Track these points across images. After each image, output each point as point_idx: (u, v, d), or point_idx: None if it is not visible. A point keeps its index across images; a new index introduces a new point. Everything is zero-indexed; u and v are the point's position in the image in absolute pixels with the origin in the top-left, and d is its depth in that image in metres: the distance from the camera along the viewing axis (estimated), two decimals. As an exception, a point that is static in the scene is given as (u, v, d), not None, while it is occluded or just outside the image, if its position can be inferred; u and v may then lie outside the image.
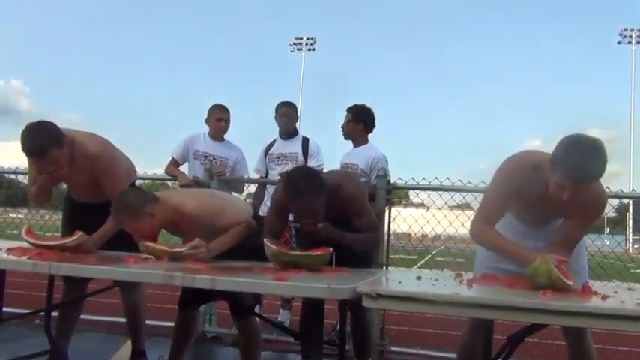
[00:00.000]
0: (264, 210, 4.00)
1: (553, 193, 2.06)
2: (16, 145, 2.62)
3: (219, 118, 4.40)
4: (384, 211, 3.82)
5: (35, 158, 2.60)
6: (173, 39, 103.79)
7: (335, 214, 2.58)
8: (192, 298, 2.81)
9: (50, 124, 2.65)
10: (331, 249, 2.34)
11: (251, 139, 5.73)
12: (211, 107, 4.46)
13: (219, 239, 2.57)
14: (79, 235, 2.63)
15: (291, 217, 3.07)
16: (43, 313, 3.11)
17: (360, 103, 4.28)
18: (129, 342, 3.16)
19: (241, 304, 2.70)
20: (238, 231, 2.62)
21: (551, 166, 2.04)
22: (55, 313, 3.13)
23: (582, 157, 1.97)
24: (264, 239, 2.38)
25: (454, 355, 2.76)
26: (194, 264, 2.30)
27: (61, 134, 2.63)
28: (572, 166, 1.98)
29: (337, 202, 2.59)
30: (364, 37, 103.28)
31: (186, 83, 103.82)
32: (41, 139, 2.56)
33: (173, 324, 2.89)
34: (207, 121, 4.44)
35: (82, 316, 3.19)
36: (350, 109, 4.23)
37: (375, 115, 4.27)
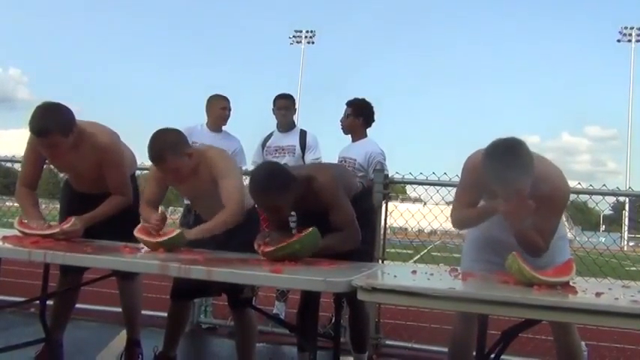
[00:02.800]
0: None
1: (501, 196, 2.19)
2: (14, 134, 2.63)
3: (224, 107, 4.38)
4: (381, 206, 3.82)
5: (36, 137, 2.60)
6: (173, 30, 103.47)
7: (310, 206, 2.55)
8: (186, 292, 2.81)
9: (65, 109, 2.65)
10: (313, 227, 2.30)
11: (249, 131, 5.71)
12: (213, 97, 4.41)
13: (202, 226, 2.58)
14: (72, 222, 2.62)
15: None
16: (38, 301, 3.10)
17: (360, 97, 4.27)
18: (124, 332, 3.17)
19: (239, 296, 2.70)
20: (222, 220, 2.58)
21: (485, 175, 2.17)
22: (50, 302, 3.13)
23: (498, 163, 2.11)
24: (257, 249, 2.35)
25: (448, 350, 2.76)
26: (191, 255, 2.30)
27: (71, 123, 2.63)
28: (494, 175, 2.13)
29: (310, 194, 2.53)
30: (364, 31, 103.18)
31: (185, 74, 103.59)
32: (48, 121, 2.56)
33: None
34: (208, 111, 4.41)
35: (76, 306, 3.19)
36: (350, 103, 4.22)
37: (375, 109, 4.27)
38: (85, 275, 3.08)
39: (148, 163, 4.36)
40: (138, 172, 3.97)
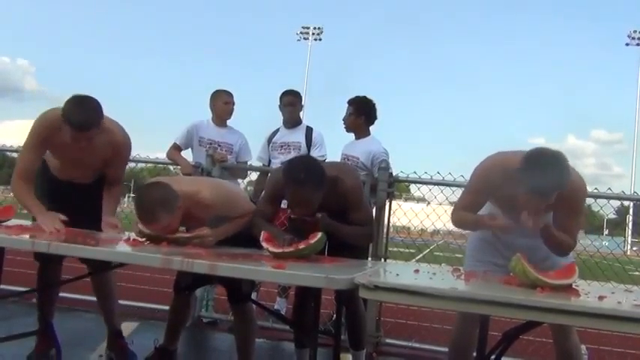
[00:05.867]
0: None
1: (523, 204, 2.19)
2: (21, 124, 2.61)
3: (227, 101, 4.42)
4: (385, 204, 3.81)
5: (77, 131, 2.56)
6: (180, 25, 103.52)
7: (331, 206, 2.56)
8: (189, 285, 2.80)
9: (99, 104, 2.64)
10: (321, 233, 2.31)
11: (255, 127, 5.72)
12: (216, 92, 4.46)
13: (224, 226, 2.57)
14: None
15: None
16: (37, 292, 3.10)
17: (361, 94, 4.25)
18: (125, 324, 3.15)
19: (239, 291, 2.70)
20: (244, 220, 2.62)
21: (517, 182, 2.15)
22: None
23: (542, 173, 2.09)
24: (263, 243, 2.34)
25: (448, 350, 2.76)
26: (194, 249, 2.30)
27: (102, 116, 2.66)
28: (534, 183, 2.11)
29: (334, 195, 2.55)
30: (371, 28, 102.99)
31: (191, 69, 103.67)
32: (92, 116, 2.57)
33: (169, 308, 2.89)
34: (212, 106, 4.44)
35: (75, 296, 3.18)
36: (351, 102, 4.20)
37: (377, 106, 4.24)
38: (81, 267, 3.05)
39: (143, 154, 4.42)
40: (142, 165, 3.99)
